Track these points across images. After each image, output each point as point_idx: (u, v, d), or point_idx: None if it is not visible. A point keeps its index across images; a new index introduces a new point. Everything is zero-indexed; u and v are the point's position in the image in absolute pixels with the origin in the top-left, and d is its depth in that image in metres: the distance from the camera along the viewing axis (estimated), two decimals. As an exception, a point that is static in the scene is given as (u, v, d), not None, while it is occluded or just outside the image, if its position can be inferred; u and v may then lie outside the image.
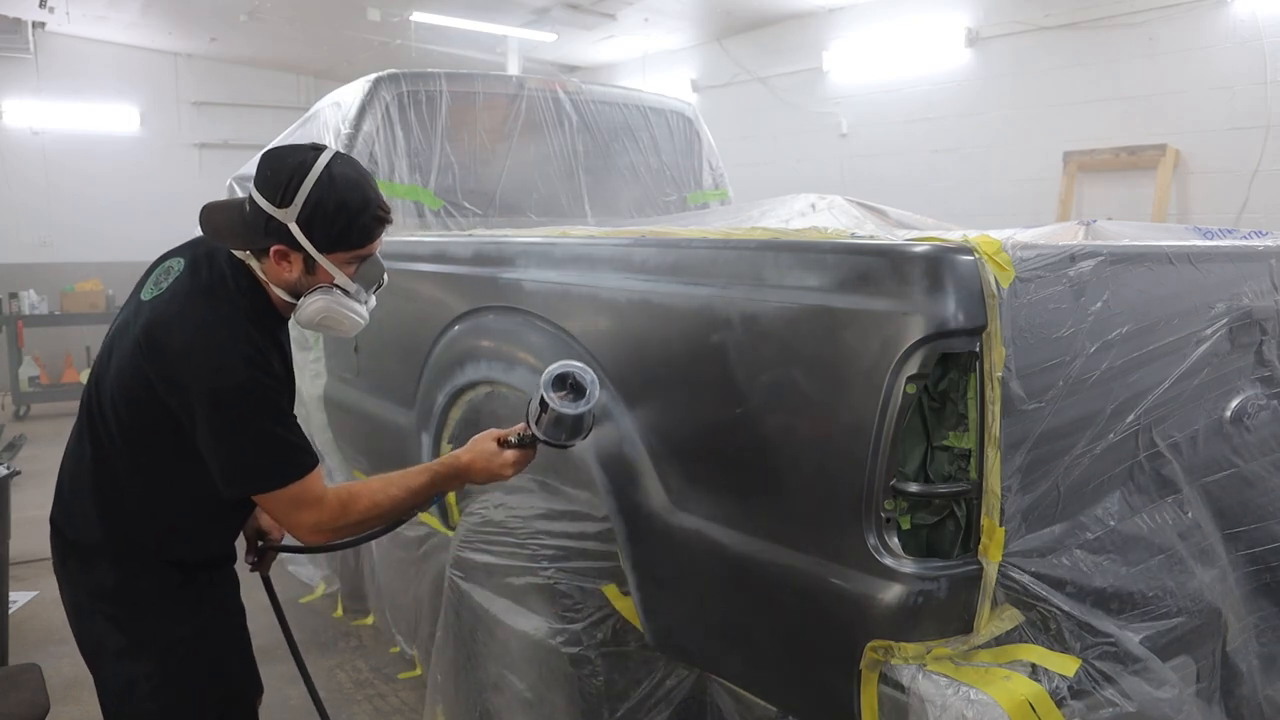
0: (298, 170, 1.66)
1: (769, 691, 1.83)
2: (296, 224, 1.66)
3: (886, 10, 7.37)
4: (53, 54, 9.42)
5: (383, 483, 1.81)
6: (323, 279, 1.73)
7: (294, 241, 1.67)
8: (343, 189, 1.68)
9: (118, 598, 1.81)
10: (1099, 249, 1.67)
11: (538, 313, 2.25)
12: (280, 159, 1.70)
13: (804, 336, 1.63)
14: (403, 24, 8.35)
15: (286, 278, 1.73)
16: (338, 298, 1.75)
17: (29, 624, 4.00)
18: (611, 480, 2.00)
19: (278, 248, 1.69)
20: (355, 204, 1.70)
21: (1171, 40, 5.73)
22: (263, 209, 1.67)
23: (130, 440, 1.73)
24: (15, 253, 9.40)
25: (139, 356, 1.67)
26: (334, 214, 1.67)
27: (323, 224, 1.67)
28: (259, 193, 1.68)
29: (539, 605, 2.19)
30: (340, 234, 1.70)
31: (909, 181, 7.10)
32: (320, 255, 1.70)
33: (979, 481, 1.51)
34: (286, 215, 1.66)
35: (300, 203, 1.65)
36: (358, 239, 1.73)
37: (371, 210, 1.72)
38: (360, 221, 1.71)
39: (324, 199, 1.66)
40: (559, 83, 3.91)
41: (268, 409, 1.67)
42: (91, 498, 1.77)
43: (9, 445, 5.95)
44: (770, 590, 1.70)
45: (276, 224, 1.67)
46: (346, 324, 1.79)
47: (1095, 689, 1.50)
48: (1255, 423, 1.98)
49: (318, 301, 1.73)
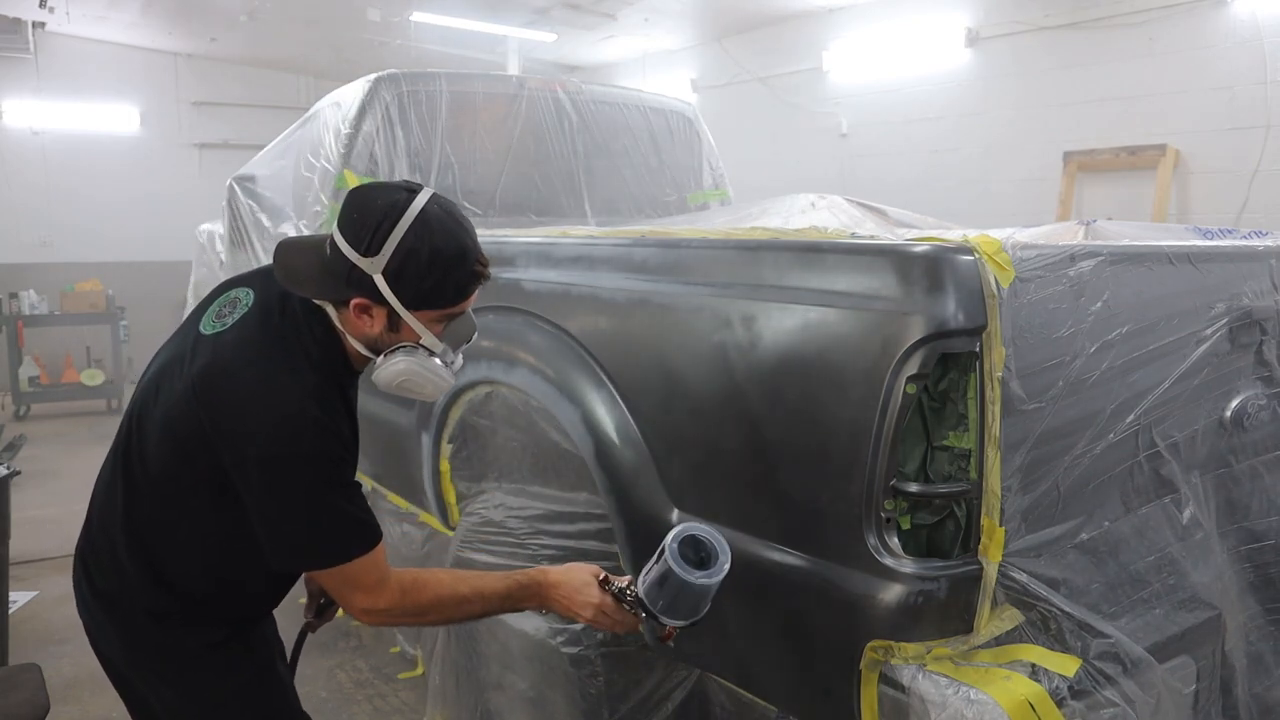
0: (388, 214, 1.45)
1: (769, 691, 1.83)
2: (383, 275, 1.45)
3: (886, 10, 7.36)
4: (53, 54, 9.42)
5: (452, 578, 1.62)
6: (407, 337, 1.53)
7: (379, 295, 1.47)
8: (439, 239, 1.46)
9: (147, 656, 1.64)
10: (1099, 249, 1.67)
11: (538, 313, 2.25)
12: (369, 199, 1.49)
13: (804, 336, 1.63)
14: (403, 24, 8.35)
15: (367, 333, 1.53)
16: (422, 359, 1.53)
17: (29, 624, 4.00)
18: (611, 480, 2.00)
19: (359, 301, 1.49)
20: (451, 257, 1.48)
21: (1171, 40, 5.73)
22: (346, 256, 1.47)
23: (169, 487, 1.56)
24: (15, 253, 9.40)
25: (193, 401, 1.49)
26: (427, 267, 1.46)
27: (413, 278, 1.46)
28: (342, 236, 1.48)
29: (539, 605, 2.19)
30: (432, 290, 1.49)
31: (909, 181, 7.10)
32: (407, 313, 1.49)
33: (979, 481, 1.51)
34: (373, 265, 1.45)
35: (389, 253, 1.44)
36: (452, 296, 1.51)
37: (469, 264, 1.50)
38: (455, 277, 1.49)
39: (417, 249, 1.45)
40: (559, 83, 3.91)
41: (332, 479, 1.48)
42: (124, 547, 1.60)
43: (9, 445, 5.95)
44: (770, 590, 1.70)
45: (360, 274, 1.46)
46: (429, 389, 1.57)
47: (1095, 689, 1.50)
48: (1255, 423, 1.98)
49: (399, 364, 1.53)
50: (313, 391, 1.49)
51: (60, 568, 4.69)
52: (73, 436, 7.80)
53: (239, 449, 1.45)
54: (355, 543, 1.50)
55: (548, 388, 2.15)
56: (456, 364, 1.62)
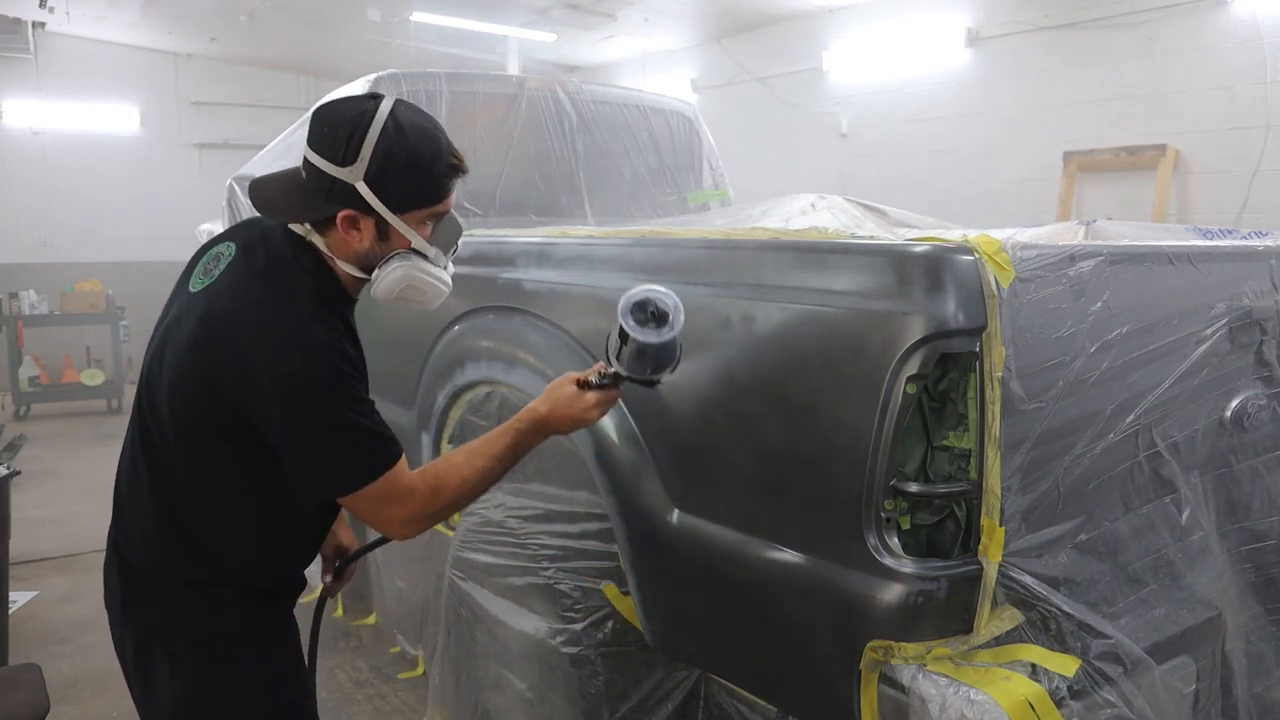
0: (358, 122, 1.46)
1: (769, 691, 1.83)
2: (364, 182, 1.47)
3: (886, 10, 7.36)
4: (53, 54, 9.42)
5: (466, 455, 1.62)
6: (398, 244, 1.54)
7: (363, 204, 1.48)
8: (414, 139, 1.49)
9: (187, 633, 1.60)
10: (1099, 249, 1.67)
11: (538, 313, 2.25)
12: (336, 112, 1.50)
13: (804, 336, 1.63)
14: (403, 24, 8.35)
15: (357, 249, 1.54)
16: (417, 263, 1.55)
17: (29, 624, 4.00)
18: (611, 480, 2.00)
19: (345, 213, 1.49)
20: (428, 154, 1.51)
21: (1171, 40, 5.73)
22: (323, 171, 1.47)
23: (192, 450, 1.53)
24: (15, 253, 9.40)
25: (197, 356, 1.47)
26: (405, 167, 1.48)
27: (395, 179, 1.48)
28: (316, 154, 1.48)
29: (539, 605, 2.19)
30: (415, 189, 1.51)
31: (909, 181, 7.10)
32: (394, 216, 1.50)
33: (979, 481, 1.51)
34: (352, 174, 1.46)
35: (367, 158, 1.46)
36: (433, 193, 1.54)
37: (446, 159, 1.53)
38: (435, 173, 1.52)
39: (394, 151, 1.47)
40: (559, 83, 3.91)
41: (348, 399, 1.47)
42: (154, 519, 1.57)
43: (9, 445, 5.95)
44: (770, 590, 1.70)
45: (341, 185, 1.47)
46: (430, 292, 1.59)
47: (1094, 689, 1.50)
48: (1255, 423, 1.98)
49: (396, 270, 1.54)
50: (313, 315, 1.49)
51: (60, 568, 4.69)
52: (73, 436, 7.80)
53: (253, 389, 1.44)
54: (381, 459, 1.51)
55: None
56: (449, 269, 1.65)
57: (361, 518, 1.59)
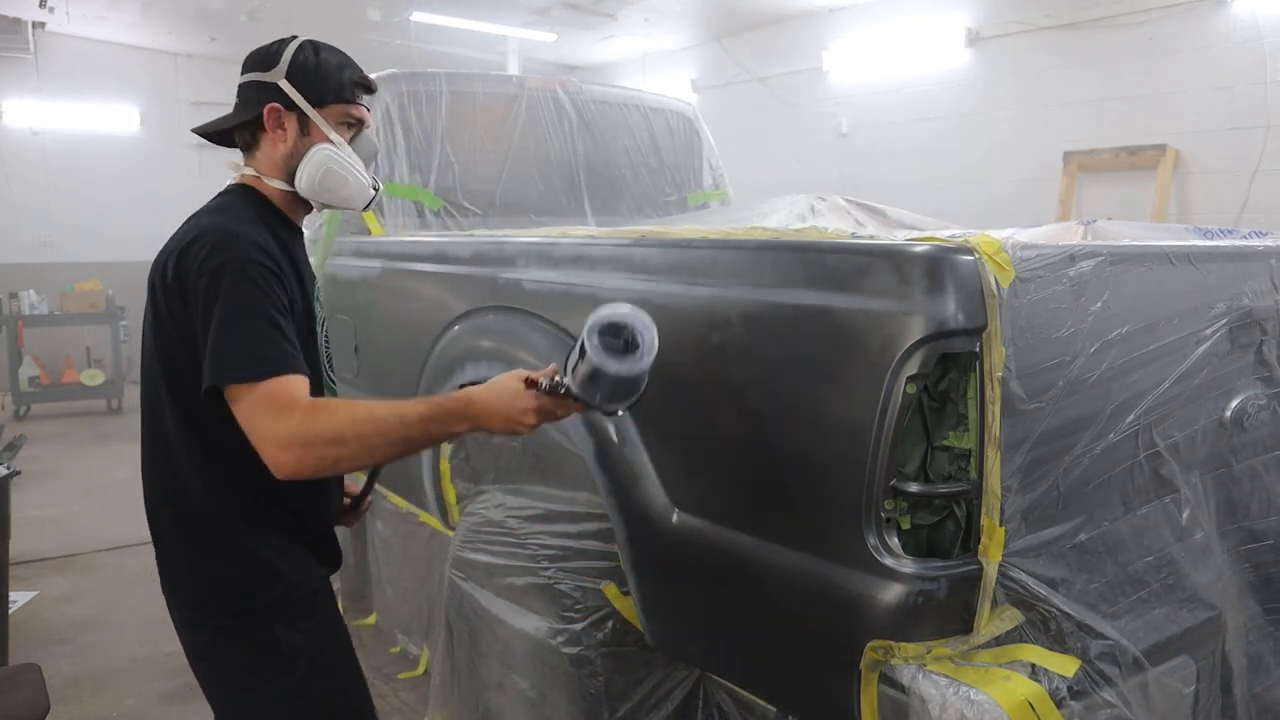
0: (279, 42, 1.73)
1: (769, 691, 1.83)
2: (286, 80, 1.68)
3: (886, 10, 7.37)
4: (53, 54, 9.43)
5: (368, 403, 1.54)
6: (318, 139, 1.69)
7: (285, 99, 1.67)
8: (324, 50, 1.73)
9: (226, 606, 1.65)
10: (1099, 249, 1.67)
11: (538, 313, 2.25)
12: (259, 48, 1.74)
13: (804, 336, 1.63)
14: (403, 24, 8.36)
15: (283, 149, 1.69)
16: (337, 150, 1.69)
17: (29, 624, 4.00)
18: (611, 480, 2.00)
19: (271, 106, 1.67)
20: (339, 59, 1.74)
21: (1171, 40, 5.74)
22: (250, 82, 1.70)
23: (188, 393, 1.58)
24: (15, 253, 9.40)
25: (159, 294, 1.60)
26: (318, 65, 1.69)
27: (311, 73, 1.69)
28: (246, 73, 1.72)
29: (539, 605, 2.19)
30: (329, 82, 1.70)
31: (909, 181, 7.10)
32: (313, 110, 1.68)
33: (979, 481, 1.51)
34: (274, 74, 1.68)
35: (286, 62, 1.68)
36: (348, 90, 1.72)
37: (353, 69, 1.75)
38: (346, 74, 1.73)
39: (308, 56, 1.70)
40: (559, 83, 3.90)
41: (266, 301, 1.53)
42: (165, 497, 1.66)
43: (9, 445, 5.95)
44: (770, 590, 1.70)
45: (266, 86, 1.68)
46: (352, 183, 1.71)
47: (1094, 690, 1.50)
48: (1255, 423, 1.98)
49: (315, 156, 1.68)
50: (239, 219, 1.62)
51: (60, 568, 4.70)
52: (73, 436, 7.80)
53: (192, 282, 1.53)
54: (277, 362, 1.51)
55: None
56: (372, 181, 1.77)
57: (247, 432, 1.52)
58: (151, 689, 3.41)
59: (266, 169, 1.72)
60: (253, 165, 1.73)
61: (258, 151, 1.72)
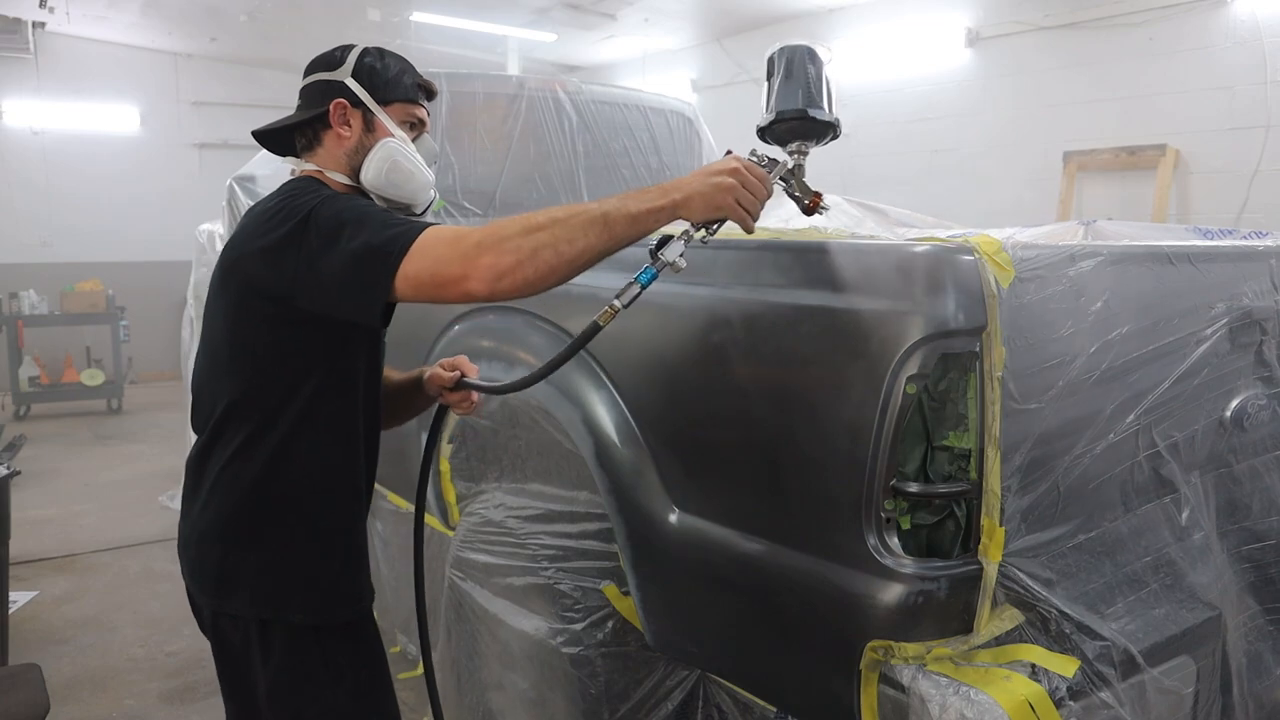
0: (344, 48, 1.77)
1: (769, 691, 1.83)
2: (352, 78, 1.72)
3: (886, 10, 7.37)
4: (53, 54, 9.42)
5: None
6: (383, 135, 1.72)
7: (352, 95, 1.71)
8: (388, 55, 1.78)
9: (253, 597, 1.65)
10: (1099, 249, 1.67)
11: (538, 313, 2.25)
12: (322, 53, 1.79)
13: (804, 336, 1.63)
14: (403, 24, 8.35)
15: (347, 145, 1.71)
16: (402, 145, 1.71)
17: (29, 624, 4.00)
18: (611, 480, 2.00)
19: (337, 102, 1.70)
20: (399, 64, 1.79)
21: (1171, 40, 5.74)
22: (316, 82, 1.74)
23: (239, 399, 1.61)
24: (15, 253, 9.40)
25: (227, 287, 1.62)
26: (384, 68, 1.74)
27: (376, 74, 1.73)
28: (311, 74, 1.76)
29: (539, 605, 2.19)
30: (393, 82, 1.74)
31: (909, 181, 7.10)
32: (378, 107, 1.72)
33: (979, 481, 1.51)
34: (341, 73, 1.73)
35: (352, 63, 1.73)
36: (411, 90, 1.77)
37: (415, 72, 1.80)
38: (409, 76, 1.78)
39: (372, 59, 1.75)
40: (559, 83, 3.90)
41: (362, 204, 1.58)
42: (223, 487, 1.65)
43: (9, 445, 5.95)
44: (770, 590, 1.70)
45: (332, 84, 1.72)
46: (417, 178, 1.72)
47: (1094, 690, 1.50)
48: (1255, 423, 1.98)
49: (381, 150, 1.69)
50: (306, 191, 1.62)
51: (60, 568, 4.70)
52: (73, 436, 7.80)
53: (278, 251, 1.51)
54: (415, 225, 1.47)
55: (548, 388, 2.15)
56: (432, 177, 1.79)
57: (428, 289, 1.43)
58: (151, 689, 3.41)
59: (329, 164, 1.73)
60: (314, 160, 1.75)
61: (320, 148, 1.74)
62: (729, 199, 1.43)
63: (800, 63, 1.60)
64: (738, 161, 1.47)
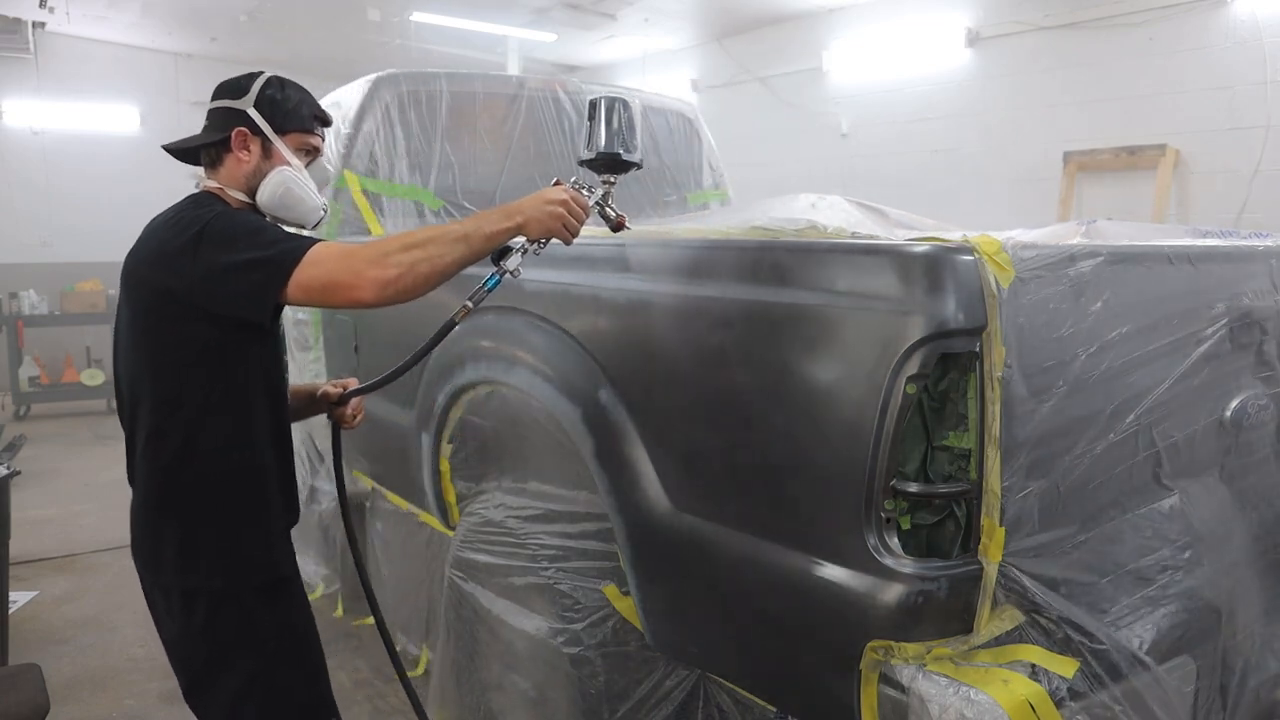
0: (248, 76, 1.92)
1: (769, 691, 1.83)
2: (254, 108, 1.87)
3: (886, 10, 7.37)
4: (53, 54, 9.42)
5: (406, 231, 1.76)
6: (279, 162, 1.88)
7: (253, 124, 1.86)
8: (289, 86, 1.94)
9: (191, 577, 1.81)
10: (1099, 249, 1.67)
11: (538, 313, 2.25)
12: (229, 79, 1.95)
13: (804, 336, 1.63)
14: (403, 24, 8.35)
15: (246, 168, 1.86)
16: (296, 173, 1.88)
17: (29, 624, 4.00)
18: (611, 480, 2.00)
19: (239, 130, 1.86)
20: (299, 95, 1.94)
21: (1171, 40, 5.73)
22: (221, 107, 1.90)
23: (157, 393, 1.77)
24: (15, 253, 9.39)
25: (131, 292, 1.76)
26: (284, 100, 1.90)
27: (277, 105, 1.88)
28: (217, 100, 1.92)
29: (539, 605, 2.20)
30: (291, 116, 1.90)
31: (909, 181, 7.10)
32: (276, 137, 1.87)
33: (979, 481, 1.51)
34: (244, 103, 1.88)
35: (255, 93, 1.88)
36: (308, 120, 1.93)
37: (312, 103, 1.96)
38: (306, 107, 1.93)
39: (274, 90, 1.90)
40: (559, 83, 3.90)
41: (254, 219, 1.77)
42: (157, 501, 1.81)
43: (9, 445, 5.95)
44: (770, 590, 1.70)
45: (235, 112, 1.88)
46: (308, 202, 1.89)
47: (1094, 690, 1.50)
48: (1255, 423, 1.98)
49: (276, 176, 1.86)
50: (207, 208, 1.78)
51: (60, 568, 4.70)
52: (73, 436, 7.79)
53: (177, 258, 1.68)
54: (305, 238, 1.70)
55: (548, 388, 2.15)
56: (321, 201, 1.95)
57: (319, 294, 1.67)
58: (151, 689, 3.41)
59: (229, 183, 1.89)
60: (215, 179, 1.90)
61: (221, 168, 1.90)
62: (558, 223, 1.77)
63: (615, 111, 1.96)
64: (566, 192, 1.81)
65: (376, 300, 1.63)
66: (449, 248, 1.66)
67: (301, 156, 1.92)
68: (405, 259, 1.62)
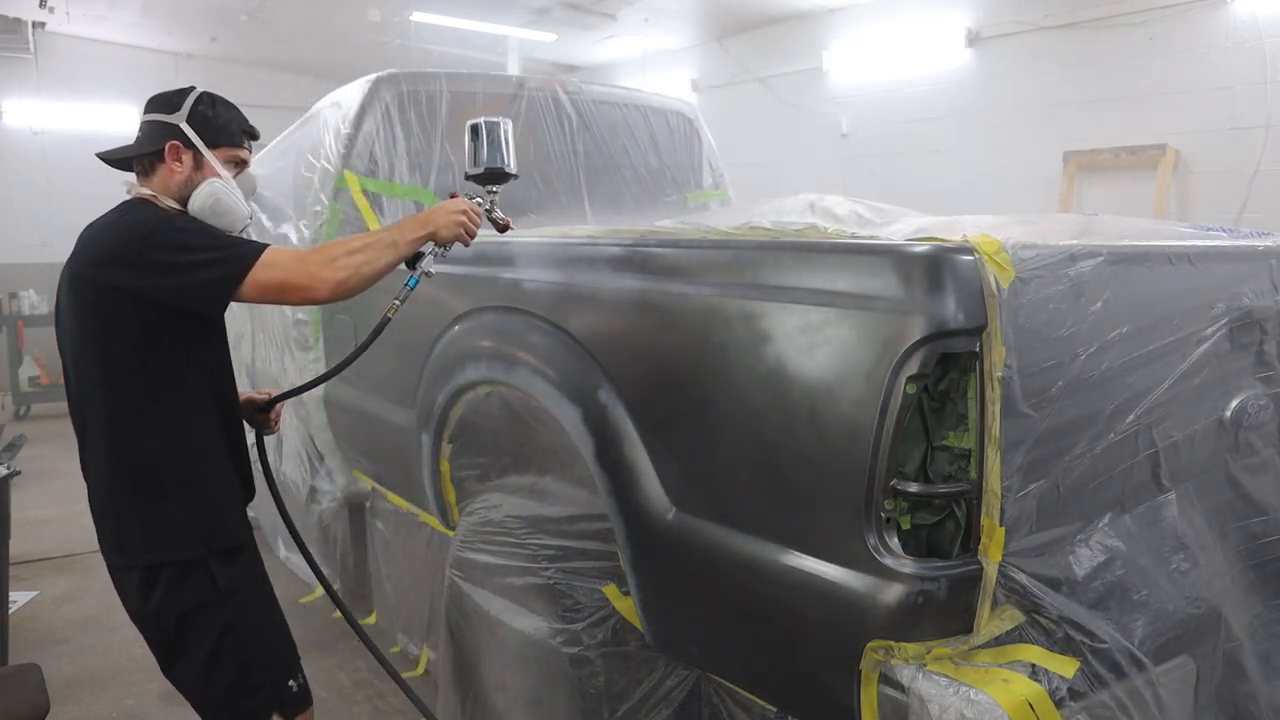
0: (180, 92, 2.07)
1: (769, 691, 1.83)
2: (186, 123, 2.02)
3: (886, 10, 7.37)
4: (53, 54, 9.42)
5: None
6: (209, 174, 2.02)
7: (185, 138, 2.01)
8: (219, 102, 2.09)
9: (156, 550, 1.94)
10: (1099, 249, 1.67)
11: (538, 313, 2.25)
12: (162, 94, 2.10)
13: (804, 336, 1.63)
14: (403, 24, 8.35)
15: (178, 178, 2.01)
16: (225, 183, 2.03)
17: (29, 624, 4.00)
18: (611, 480, 2.00)
19: (172, 143, 2.00)
20: (231, 111, 2.10)
21: (1171, 40, 5.74)
22: (155, 121, 2.04)
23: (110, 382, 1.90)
24: (15, 253, 9.39)
25: (74, 295, 1.88)
26: (214, 116, 2.05)
27: (208, 121, 2.03)
28: (151, 113, 2.05)
29: (539, 605, 2.20)
30: (222, 129, 2.05)
31: (909, 181, 7.10)
32: (207, 150, 2.02)
33: (979, 481, 1.51)
34: (177, 117, 2.02)
35: (187, 109, 2.03)
36: (237, 136, 2.08)
37: (241, 119, 2.12)
38: (235, 123, 2.09)
39: (205, 107, 2.05)
40: (559, 83, 3.90)
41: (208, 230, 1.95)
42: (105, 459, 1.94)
43: (9, 445, 5.95)
44: (770, 590, 1.70)
45: (169, 127, 2.02)
46: (236, 211, 2.03)
47: (1094, 690, 1.50)
48: (1255, 423, 1.98)
49: (207, 188, 2.00)
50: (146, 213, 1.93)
51: (60, 568, 4.70)
52: (73, 437, 7.78)
53: (130, 262, 1.82)
54: (257, 244, 1.88)
55: (548, 388, 2.15)
56: (252, 208, 2.11)
57: (273, 294, 1.87)
58: (151, 689, 3.41)
59: (162, 191, 2.02)
60: (149, 186, 2.03)
61: (154, 177, 2.03)
62: (462, 230, 2.05)
63: (496, 131, 2.23)
64: (466, 204, 2.08)
65: (330, 297, 1.88)
66: (383, 252, 1.93)
67: (230, 168, 2.07)
68: (351, 262, 1.87)
